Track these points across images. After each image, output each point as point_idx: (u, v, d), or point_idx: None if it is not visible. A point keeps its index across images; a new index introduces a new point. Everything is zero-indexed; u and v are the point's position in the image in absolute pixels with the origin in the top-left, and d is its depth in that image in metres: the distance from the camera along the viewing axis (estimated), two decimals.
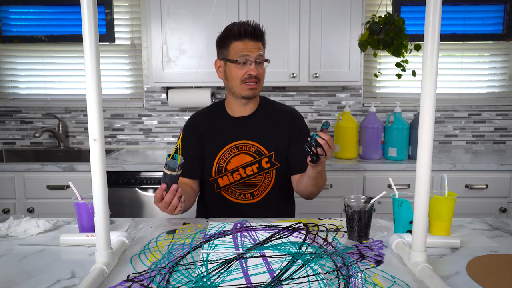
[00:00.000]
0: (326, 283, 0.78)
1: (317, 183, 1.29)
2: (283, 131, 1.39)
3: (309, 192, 1.34)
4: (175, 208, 1.10)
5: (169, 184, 1.06)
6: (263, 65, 1.33)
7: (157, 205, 1.12)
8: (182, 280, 0.80)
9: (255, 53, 1.29)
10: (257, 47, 1.30)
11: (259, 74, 1.31)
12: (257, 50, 1.30)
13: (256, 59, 1.29)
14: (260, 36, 1.31)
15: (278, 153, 1.36)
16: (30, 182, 2.04)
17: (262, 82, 1.34)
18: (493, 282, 0.79)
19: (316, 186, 1.31)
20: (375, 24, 1.95)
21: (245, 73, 1.29)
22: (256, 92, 1.33)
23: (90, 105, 0.77)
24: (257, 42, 1.30)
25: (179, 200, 1.09)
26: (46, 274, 0.83)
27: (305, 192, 1.35)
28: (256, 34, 1.29)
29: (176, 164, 1.03)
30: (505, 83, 2.61)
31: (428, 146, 0.78)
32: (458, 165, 2.03)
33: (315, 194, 1.36)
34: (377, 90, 2.62)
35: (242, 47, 1.29)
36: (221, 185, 1.36)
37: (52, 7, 2.54)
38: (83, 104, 2.58)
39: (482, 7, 2.54)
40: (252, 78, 1.29)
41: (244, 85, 1.30)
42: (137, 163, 2.05)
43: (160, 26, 2.18)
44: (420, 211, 0.81)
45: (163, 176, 1.07)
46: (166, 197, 1.07)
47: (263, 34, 1.33)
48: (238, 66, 1.29)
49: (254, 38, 1.29)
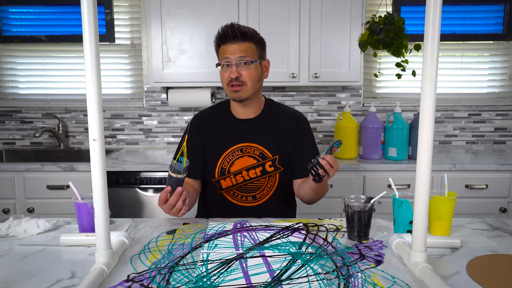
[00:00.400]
0: (326, 283, 0.78)
1: (317, 193, 1.29)
2: (288, 134, 1.37)
3: (309, 199, 1.34)
4: (179, 211, 1.10)
5: (174, 186, 1.07)
6: (249, 67, 1.27)
7: (161, 207, 1.12)
8: (182, 280, 0.80)
9: (235, 55, 1.26)
10: (240, 49, 1.26)
11: (242, 76, 1.27)
12: (238, 52, 1.26)
13: (237, 61, 1.26)
14: (242, 36, 1.26)
15: (282, 157, 1.35)
16: (30, 182, 2.04)
17: (251, 84, 1.28)
18: (493, 282, 0.79)
19: (317, 195, 1.31)
20: (375, 24, 1.95)
21: (228, 76, 1.28)
22: (242, 95, 1.29)
23: (90, 105, 0.77)
24: (240, 43, 1.26)
25: (183, 202, 1.09)
26: (46, 274, 0.83)
27: (306, 198, 1.34)
28: (234, 35, 1.25)
29: (181, 167, 1.04)
30: (505, 83, 2.61)
31: (428, 146, 0.78)
32: (458, 165, 2.03)
33: (315, 201, 1.36)
34: (377, 90, 2.62)
35: (224, 50, 1.28)
36: (223, 186, 1.36)
37: (52, 7, 2.54)
38: (83, 104, 2.58)
39: (482, 7, 2.54)
40: (233, 80, 1.27)
41: (229, 88, 1.29)
42: (137, 163, 2.05)
43: (160, 26, 2.18)
44: (420, 211, 0.81)
45: (168, 179, 1.08)
46: (171, 200, 1.08)
47: (246, 34, 1.26)
48: (224, 69, 1.29)
49: (236, 40, 1.26)
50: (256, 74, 1.30)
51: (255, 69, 1.30)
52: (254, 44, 1.30)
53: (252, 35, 1.29)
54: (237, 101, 1.32)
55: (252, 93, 1.31)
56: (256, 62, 1.29)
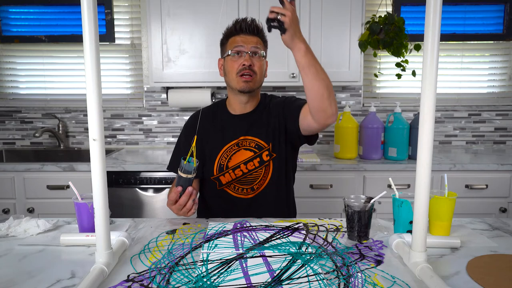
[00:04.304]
0: (326, 283, 0.78)
1: (317, 73, 1.13)
2: (276, 118, 1.37)
3: (316, 92, 1.14)
4: (189, 210, 1.11)
5: (184, 187, 1.08)
6: (261, 59, 1.32)
7: (170, 207, 1.13)
8: (182, 280, 0.80)
9: (250, 45, 1.30)
10: (253, 40, 1.31)
11: (255, 66, 1.30)
12: (252, 43, 1.30)
13: (251, 50, 1.30)
14: (256, 30, 1.32)
15: (275, 143, 1.36)
16: (30, 182, 2.04)
17: (259, 76, 1.32)
18: (493, 282, 0.79)
19: (319, 79, 1.13)
20: (375, 24, 1.95)
21: (240, 64, 1.29)
22: (252, 86, 1.31)
23: (90, 105, 0.77)
24: (253, 36, 1.31)
25: (193, 202, 1.11)
26: (46, 274, 0.83)
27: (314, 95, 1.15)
28: (252, 28, 1.30)
29: (191, 167, 1.05)
30: (505, 83, 2.61)
31: (428, 146, 0.78)
32: (458, 165, 2.03)
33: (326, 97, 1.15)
34: (377, 90, 2.62)
35: (237, 40, 1.31)
36: (223, 182, 1.36)
37: (52, 7, 2.54)
38: (83, 104, 2.58)
39: (482, 7, 2.54)
40: (246, 69, 1.28)
41: (239, 78, 1.30)
42: (137, 163, 2.05)
43: (160, 26, 2.18)
44: (420, 211, 0.81)
45: (177, 179, 1.09)
46: (181, 200, 1.09)
47: (260, 29, 1.33)
48: (234, 58, 1.30)
49: (250, 32, 1.31)
50: (263, 68, 1.34)
51: (263, 64, 1.34)
52: (263, 42, 1.35)
53: (262, 33, 1.35)
54: (245, 92, 1.32)
55: (258, 86, 1.35)
56: (265, 56, 1.34)
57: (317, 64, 1.15)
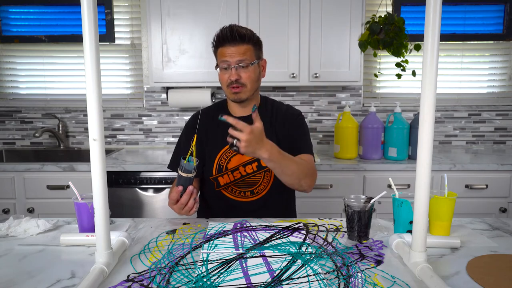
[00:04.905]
0: (326, 283, 0.78)
1: (282, 172, 1.20)
2: (280, 129, 1.38)
3: (285, 182, 1.26)
4: (191, 209, 1.11)
5: (185, 186, 1.09)
6: (248, 69, 1.28)
7: (172, 207, 1.13)
8: (182, 280, 0.80)
9: (235, 58, 1.26)
10: (240, 51, 1.26)
11: (242, 79, 1.28)
12: (237, 55, 1.26)
13: (236, 63, 1.27)
14: (240, 38, 1.26)
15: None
16: (30, 182, 2.04)
17: (250, 85, 1.30)
18: (493, 282, 0.79)
19: (286, 175, 1.21)
20: (375, 24, 1.95)
21: (228, 78, 1.29)
22: (242, 96, 1.30)
23: (90, 105, 0.77)
24: (239, 45, 1.27)
25: (195, 201, 1.11)
26: (46, 274, 0.83)
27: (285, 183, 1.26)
28: (233, 37, 1.25)
29: (191, 166, 1.06)
30: (505, 83, 2.61)
31: (428, 146, 0.78)
32: (458, 165, 2.03)
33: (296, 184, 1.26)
34: (377, 90, 2.62)
35: (224, 52, 1.28)
36: (221, 183, 1.37)
37: (52, 7, 2.54)
38: (83, 104, 2.58)
39: (482, 7, 2.54)
40: (233, 83, 1.28)
41: (229, 90, 1.31)
42: (137, 163, 2.05)
43: (160, 26, 2.18)
44: (420, 211, 0.81)
45: (177, 179, 1.09)
46: (182, 199, 1.09)
47: (244, 36, 1.26)
48: (222, 71, 1.30)
49: (235, 42, 1.26)
50: (254, 75, 1.31)
51: (254, 71, 1.31)
52: (252, 46, 1.30)
53: (250, 36, 1.29)
54: (237, 102, 1.34)
55: (252, 94, 1.33)
56: (255, 63, 1.30)
57: (283, 162, 1.19)
